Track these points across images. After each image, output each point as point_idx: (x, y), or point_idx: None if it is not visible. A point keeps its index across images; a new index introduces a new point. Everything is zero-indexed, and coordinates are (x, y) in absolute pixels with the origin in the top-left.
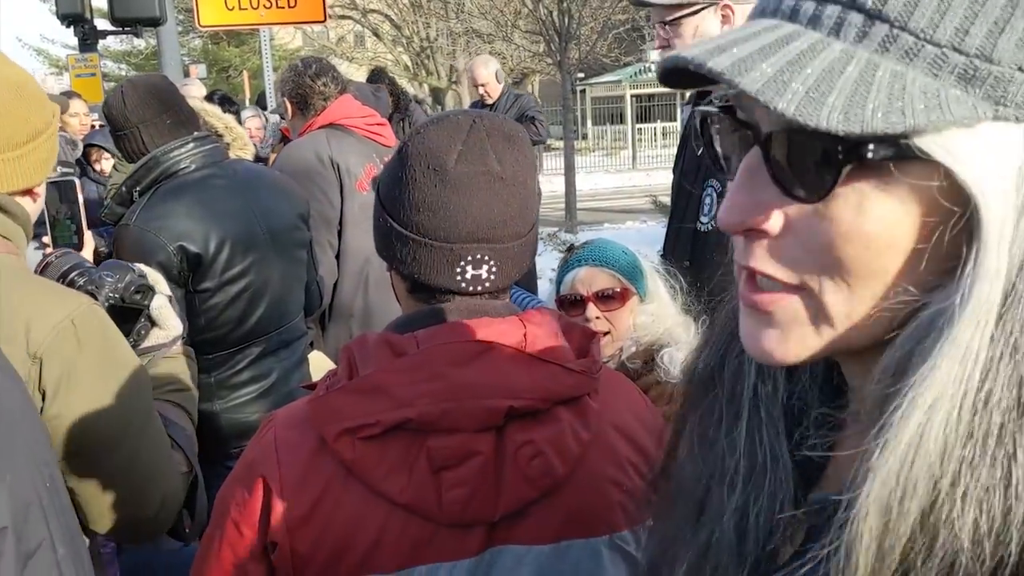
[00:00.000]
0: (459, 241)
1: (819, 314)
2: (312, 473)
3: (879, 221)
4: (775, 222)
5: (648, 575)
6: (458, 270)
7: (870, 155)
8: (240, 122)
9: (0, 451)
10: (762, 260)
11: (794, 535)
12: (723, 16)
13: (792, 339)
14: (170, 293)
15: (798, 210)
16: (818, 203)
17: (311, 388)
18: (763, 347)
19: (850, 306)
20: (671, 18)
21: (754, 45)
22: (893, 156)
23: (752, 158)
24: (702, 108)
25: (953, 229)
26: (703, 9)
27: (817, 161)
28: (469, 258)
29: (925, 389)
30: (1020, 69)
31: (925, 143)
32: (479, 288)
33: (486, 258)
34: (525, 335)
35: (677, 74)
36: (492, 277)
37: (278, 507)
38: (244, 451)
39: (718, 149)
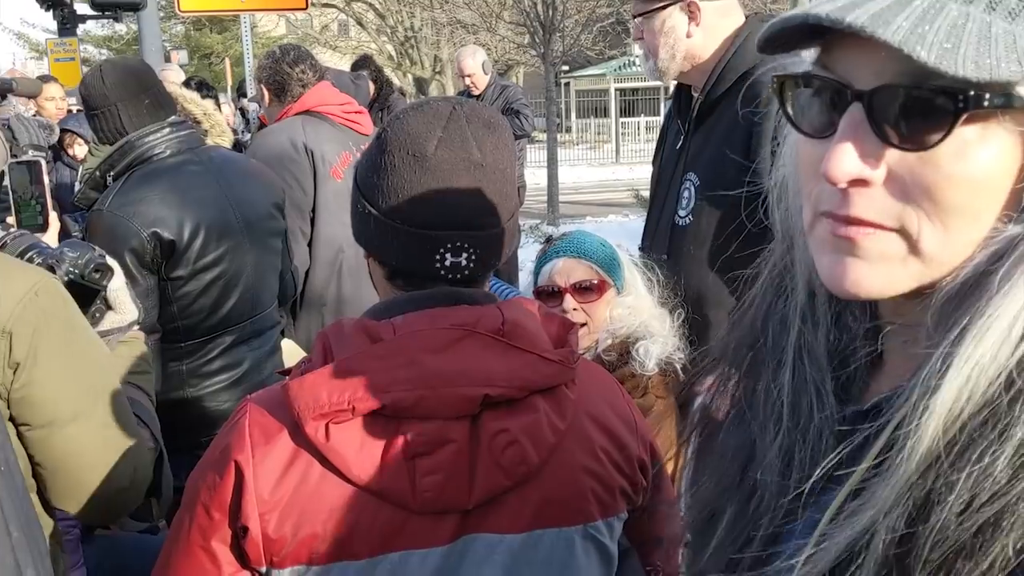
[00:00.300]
0: (439, 228)
1: (911, 252)
2: (285, 458)
3: (983, 165)
4: (879, 172)
5: (694, 540)
6: (437, 257)
7: (986, 103)
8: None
9: None
10: (862, 208)
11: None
12: (690, 13)
13: (880, 274)
14: (126, 280)
15: (900, 159)
16: (922, 151)
17: (285, 374)
18: (850, 280)
19: (944, 244)
20: (642, 11)
21: (881, 2)
22: (1002, 104)
23: (853, 114)
24: (782, 72)
25: None
26: (670, 5)
27: (926, 112)
28: (449, 245)
29: (1015, 296)
30: None
31: None
32: (458, 276)
33: (466, 246)
34: (503, 323)
35: (785, 36)
36: (472, 265)
37: (249, 492)
38: (217, 435)
39: (790, 111)
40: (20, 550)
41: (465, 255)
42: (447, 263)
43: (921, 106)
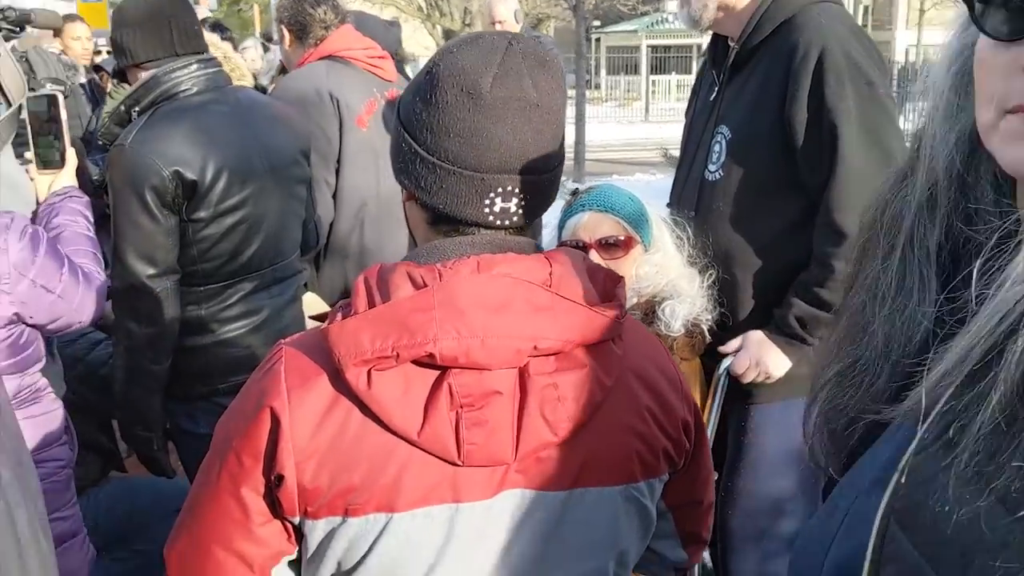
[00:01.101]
0: (490, 171)
1: None
2: (323, 405)
3: None
4: None
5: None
6: (487, 202)
7: None
8: (237, 50)
9: None
10: None
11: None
12: None
13: None
14: None
15: None
16: None
17: (321, 319)
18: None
19: None
20: None
21: None
22: None
23: None
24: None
25: None
26: None
27: None
28: (499, 190)
29: None
30: None
31: None
32: (506, 222)
33: (516, 190)
34: (551, 274)
35: None
36: (520, 211)
37: (285, 439)
38: (248, 380)
39: (978, 18)
40: (11, 491)
41: (515, 200)
42: (496, 208)
43: None
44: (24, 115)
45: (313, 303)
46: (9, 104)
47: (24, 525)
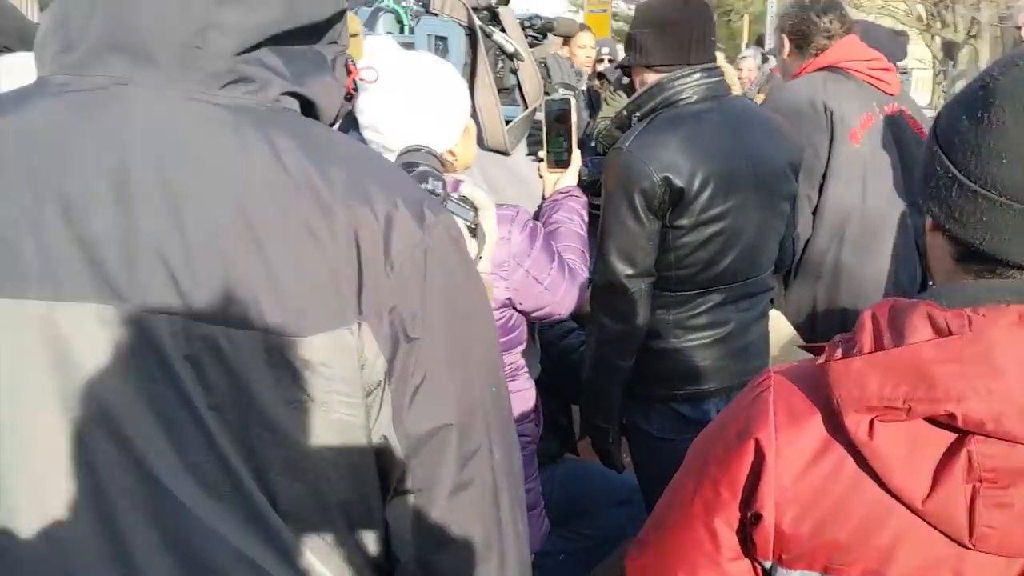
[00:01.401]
0: None
1: None
2: (813, 447)
3: None
4: None
5: None
6: None
7: None
8: (735, 61)
9: (455, 346)
10: None
11: None
12: None
13: None
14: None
15: None
16: None
17: (814, 351)
18: None
19: None
20: None
21: None
22: None
23: None
24: None
25: None
26: None
27: None
28: None
29: None
30: None
31: None
32: None
33: None
34: None
35: None
36: None
37: (769, 477)
38: (731, 405)
39: None
40: (499, 473)
41: None
42: None
43: None
44: (540, 116)
45: (777, 321)
46: (526, 106)
47: (507, 508)
